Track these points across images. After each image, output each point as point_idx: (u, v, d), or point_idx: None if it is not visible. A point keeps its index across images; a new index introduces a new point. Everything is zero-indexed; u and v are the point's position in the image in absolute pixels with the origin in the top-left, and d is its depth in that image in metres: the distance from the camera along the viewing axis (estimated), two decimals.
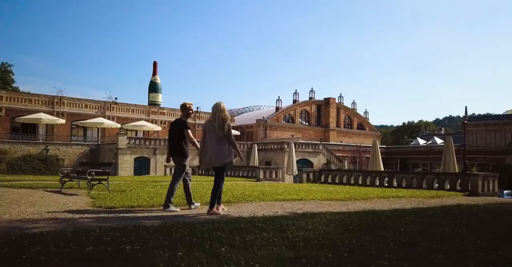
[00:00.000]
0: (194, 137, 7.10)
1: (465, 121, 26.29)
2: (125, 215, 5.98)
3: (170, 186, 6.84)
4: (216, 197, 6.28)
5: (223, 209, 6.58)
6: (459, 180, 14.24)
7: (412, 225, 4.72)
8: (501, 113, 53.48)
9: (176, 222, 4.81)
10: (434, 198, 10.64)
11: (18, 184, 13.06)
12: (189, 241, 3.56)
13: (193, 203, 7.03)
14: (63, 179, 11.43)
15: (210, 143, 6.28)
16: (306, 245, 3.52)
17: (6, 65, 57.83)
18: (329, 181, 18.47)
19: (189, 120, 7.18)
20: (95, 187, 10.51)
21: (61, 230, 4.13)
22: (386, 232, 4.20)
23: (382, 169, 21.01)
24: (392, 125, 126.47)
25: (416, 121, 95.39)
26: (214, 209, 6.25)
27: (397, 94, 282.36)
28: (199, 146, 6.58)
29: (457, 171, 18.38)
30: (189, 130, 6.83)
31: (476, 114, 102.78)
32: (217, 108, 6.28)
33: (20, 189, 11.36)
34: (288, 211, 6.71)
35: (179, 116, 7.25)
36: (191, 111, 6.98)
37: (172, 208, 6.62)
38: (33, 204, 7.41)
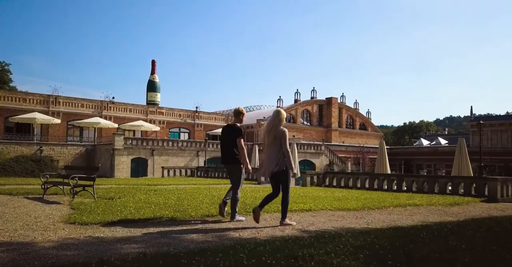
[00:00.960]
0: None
1: (480, 122, 25.13)
2: (101, 235, 4.92)
3: (231, 199, 6.59)
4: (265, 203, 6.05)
5: (289, 224, 5.98)
6: (474, 184, 13.29)
7: (464, 255, 3.63)
8: (503, 114, 52.46)
9: (158, 253, 3.72)
10: (454, 206, 9.78)
11: None
12: None
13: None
14: (46, 185, 10.38)
15: (265, 149, 6.18)
16: None
17: (3, 64, 56.58)
18: (334, 184, 17.49)
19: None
20: (77, 196, 9.42)
21: None
22: None
23: (389, 171, 19.99)
24: (392, 125, 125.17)
25: (417, 121, 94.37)
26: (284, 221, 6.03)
27: (398, 94, 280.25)
28: (246, 155, 6.51)
29: (471, 174, 17.40)
30: (241, 139, 6.56)
31: (477, 114, 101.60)
32: (273, 114, 6.19)
33: None
34: (297, 228, 5.68)
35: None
36: (243, 116, 6.83)
37: (239, 217, 6.45)
38: None
